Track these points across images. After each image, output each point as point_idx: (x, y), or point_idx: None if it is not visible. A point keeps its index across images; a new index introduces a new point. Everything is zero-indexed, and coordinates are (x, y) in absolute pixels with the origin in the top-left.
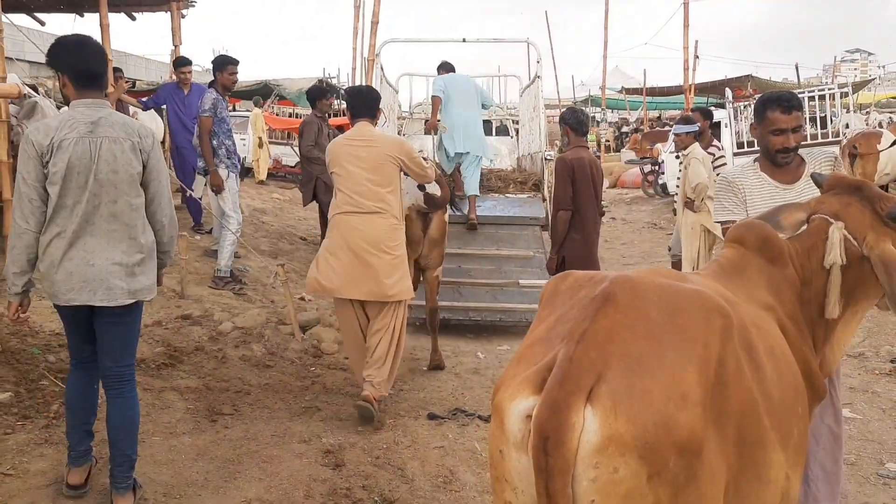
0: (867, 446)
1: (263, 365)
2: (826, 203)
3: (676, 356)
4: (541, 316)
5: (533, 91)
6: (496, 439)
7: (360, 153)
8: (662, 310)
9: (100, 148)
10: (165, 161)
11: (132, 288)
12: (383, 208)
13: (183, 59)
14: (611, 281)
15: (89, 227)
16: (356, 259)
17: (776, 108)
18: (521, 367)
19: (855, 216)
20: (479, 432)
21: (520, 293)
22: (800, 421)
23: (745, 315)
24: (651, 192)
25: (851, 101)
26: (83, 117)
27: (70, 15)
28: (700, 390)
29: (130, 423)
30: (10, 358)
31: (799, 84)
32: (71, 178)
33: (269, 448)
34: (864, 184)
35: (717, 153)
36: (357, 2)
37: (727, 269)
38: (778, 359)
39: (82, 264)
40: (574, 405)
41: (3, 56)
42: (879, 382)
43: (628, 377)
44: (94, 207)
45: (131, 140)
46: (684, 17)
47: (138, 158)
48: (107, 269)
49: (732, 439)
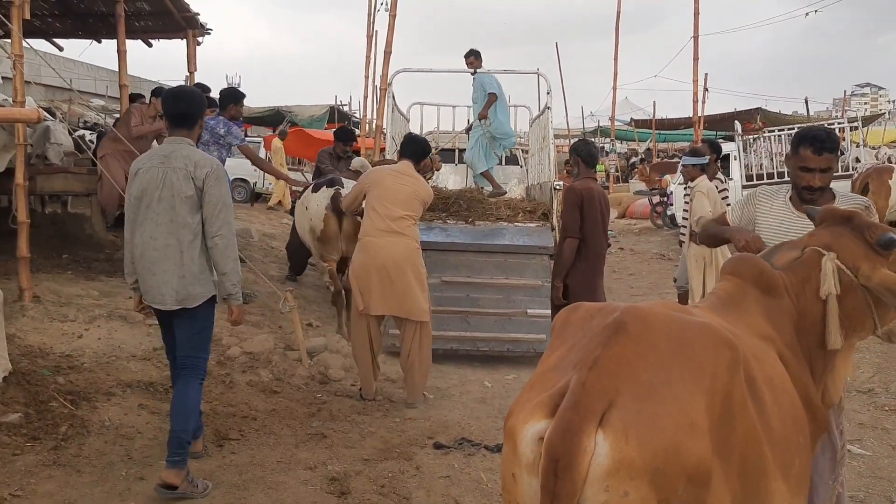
0: (876, 483)
1: (270, 390)
2: (818, 236)
3: (685, 386)
4: (552, 346)
5: (542, 121)
6: (509, 463)
7: (400, 184)
8: (672, 341)
9: (164, 175)
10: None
11: (180, 297)
12: (409, 233)
13: (202, 87)
14: (622, 311)
15: (152, 241)
16: (383, 278)
17: (809, 146)
18: (534, 393)
19: (847, 246)
20: (485, 462)
21: (528, 323)
22: (801, 451)
23: (746, 346)
24: (659, 223)
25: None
26: (161, 150)
27: (88, 41)
28: (707, 420)
29: (187, 405)
30: (21, 379)
31: (808, 117)
32: (141, 199)
33: (275, 474)
34: (853, 214)
35: (720, 186)
36: (370, 31)
37: (726, 302)
38: (778, 389)
39: (146, 273)
40: (586, 429)
41: (23, 81)
42: (889, 419)
43: (639, 404)
44: (157, 225)
45: (186, 169)
46: (694, 50)
47: (191, 184)
48: (162, 279)
49: (736, 470)
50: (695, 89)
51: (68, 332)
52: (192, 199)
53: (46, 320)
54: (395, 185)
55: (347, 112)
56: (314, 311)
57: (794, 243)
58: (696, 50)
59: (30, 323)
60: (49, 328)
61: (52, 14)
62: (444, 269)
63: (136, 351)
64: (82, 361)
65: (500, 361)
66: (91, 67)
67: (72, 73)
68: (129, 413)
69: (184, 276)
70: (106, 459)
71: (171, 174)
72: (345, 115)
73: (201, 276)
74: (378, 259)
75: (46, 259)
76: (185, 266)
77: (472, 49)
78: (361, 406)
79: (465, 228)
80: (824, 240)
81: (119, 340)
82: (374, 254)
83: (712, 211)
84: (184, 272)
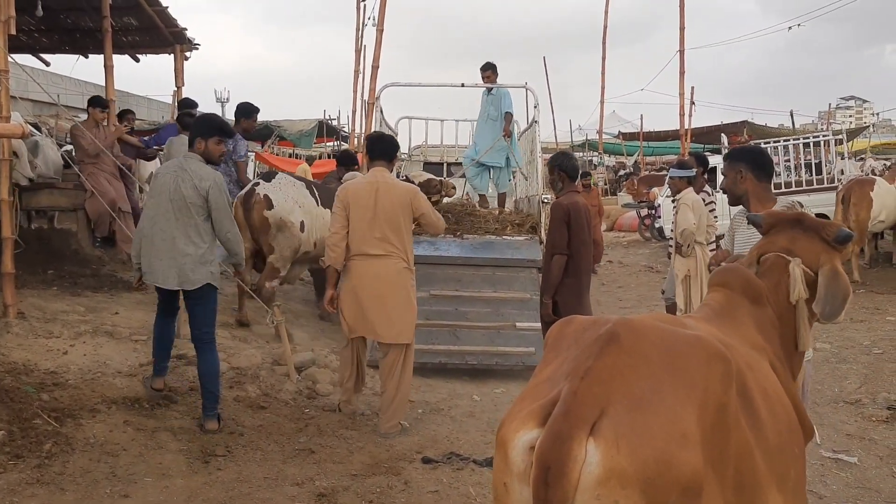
0: (865, 494)
1: (258, 406)
2: (775, 241)
3: (677, 397)
4: (546, 359)
5: (530, 135)
6: (500, 472)
7: (376, 199)
8: (664, 353)
9: (176, 183)
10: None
11: (180, 279)
12: (393, 252)
13: (188, 101)
14: (615, 323)
15: (161, 233)
16: (367, 301)
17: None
18: (526, 403)
19: (806, 247)
20: (473, 476)
21: (517, 336)
22: (796, 462)
23: (741, 357)
24: (647, 235)
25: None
26: (177, 165)
27: (75, 56)
28: (700, 432)
29: (210, 369)
30: (4, 396)
31: (794, 130)
32: (157, 198)
33: (262, 490)
34: (802, 216)
35: (707, 199)
36: (358, 46)
37: (718, 312)
38: (773, 400)
39: (154, 259)
40: (577, 437)
41: (9, 96)
42: (877, 429)
43: (631, 414)
44: (167, 221)
45: (193, 181)
46: (680, 64)
47: (196, 193)
48: (167, 264)
49: (731, 483)
50: (681, 102)
51: (53, 348)
52: (195, 204)
53: (31, 337)
54: (369, 202)
55: (336, 126)
56: (302, 326)
57: (751, 252)
58: (682, 64)
59: (14, 339)
60: (34, 344)
61: (39, 29)
62: (432, 282)
63: (122, 367)
64: (67, 378)
65: (489, 375)
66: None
67: (59, 89)
68: (114, 430)
69: (183, 266)
70: (90, 477)
71: (181, 183)
72: (333, 129)
73: (199, 265)
74: (362, 282)
75: (31, 275)
76: (186, 256)
77: (489, 63)
78: (349, 421)
79: (454, 242)
80: (783, 245)
81: (105, 356)
82: (358, 277)
83: (696, 223)
84: (185, 260)
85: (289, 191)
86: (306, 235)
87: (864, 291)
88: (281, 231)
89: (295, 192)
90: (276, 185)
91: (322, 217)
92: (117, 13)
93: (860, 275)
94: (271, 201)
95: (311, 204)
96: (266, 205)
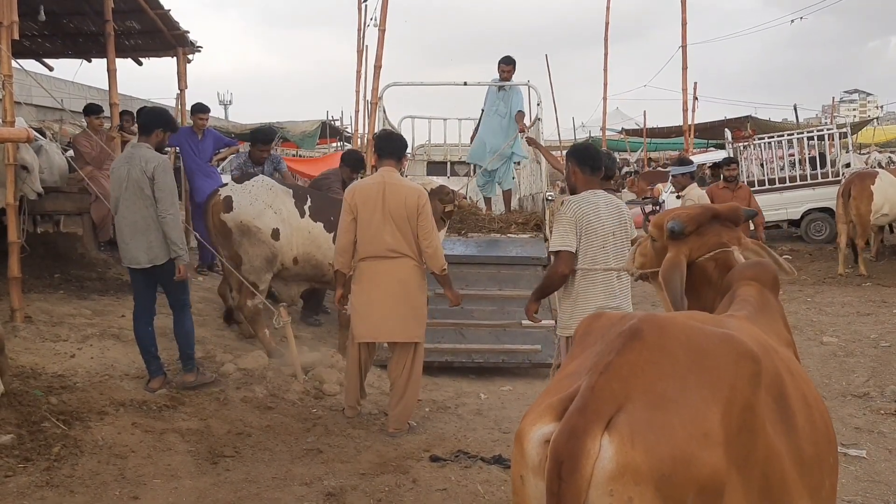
0: (874, 487)
1: (265, 406)
2: (714, 235)
3: (700, 396)
4: (573, 353)
5: (533, 133)
6: (517, 465)
7: (382, 198)
8: (690, 351)
9: (129, 172)
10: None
11: (150, 257)
12: (403, 252)
13: (201, 106)
14: (640, 319)
15: (125, 219)
16: (378, 303)
17: None
18: (547, 398)
19: (734, 236)
20: (482, 474)
21: (523, 334)
22: (831, 472)
23: (780, 361)
24: None
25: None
26: (127, 154)
27: (78, 60)
28: (723, 432)
29: (183, 331)
30: (13, 400)
31: (798, 124)
32: (117, 190)
33: (271, 491)
34: (712, 209)
35: None
36: (360, 46)
37: (758, 308)
38: (811, 407)
39: (123, 243)
40: (591, 432)
41: (13, 101)
42: (885, 422)
43: (649, 411)
44: (127, 208)
45: (140, 166)
46: (682, 59)
47: (143, 176)
48: (135, 245)
49: (758, 487)
50: (684, 98)
51: (60, 351)
52: (147, 186)
53: (38, 340)
54: (377, 203)
55: (339, 127)
56: (307, 327)
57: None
58: (684, 59)
59: (21, 343)
60: (41, 348)
61: (42, 34)
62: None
63: (129, 370)
64: (75, 381)
65: (496, 373)
66: (82, 87)
67: (63, 93)
68: (122, 432)
69: (151, 244)
70: (99, 479)
71: (131, 169)
72: (336, 129)
73: (164, 243)
74: (373, 284)
75: (38, 279)
76: (150, 237)
77: (510, 57)
78: (357, 420)
79: (459, 240)
80: (722, 238)
81: (112, 359)
82: (369, 280)
83: None
84: (150, 241)
85: (260, 194)
86: (282, 245)
87: (870, 285)
88: (245, 236)
89: (269, 197)
90: (246, 187)
91: (307, 231)
92: (120, 17)
93: (866, 268)
94: (231, 203)
95: (291, 213)
96: (224, 207)
